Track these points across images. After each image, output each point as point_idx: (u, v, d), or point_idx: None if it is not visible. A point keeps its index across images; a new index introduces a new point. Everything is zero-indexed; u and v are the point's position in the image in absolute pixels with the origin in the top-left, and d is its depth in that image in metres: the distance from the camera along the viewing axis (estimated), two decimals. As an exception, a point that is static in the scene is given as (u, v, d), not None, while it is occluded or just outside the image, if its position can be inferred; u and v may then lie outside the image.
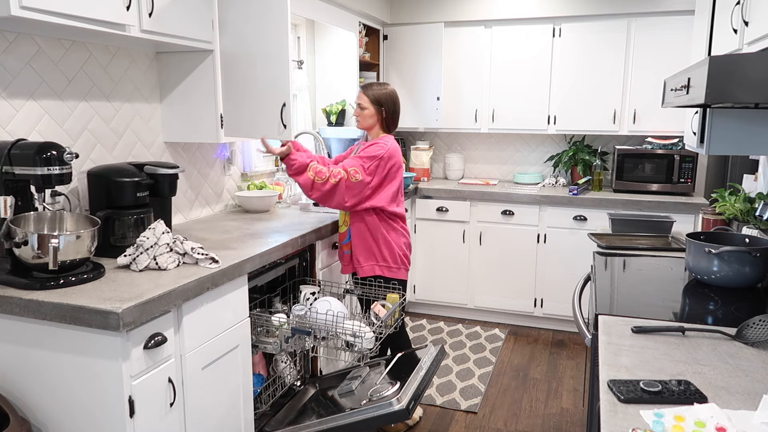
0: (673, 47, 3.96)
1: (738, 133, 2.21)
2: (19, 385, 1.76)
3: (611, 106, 4.15)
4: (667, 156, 4.03)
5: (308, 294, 2.61)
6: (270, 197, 3.15)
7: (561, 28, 4.19)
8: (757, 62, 1.46)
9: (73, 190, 2.28)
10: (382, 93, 2.74)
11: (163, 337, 1.76)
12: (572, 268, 4.08)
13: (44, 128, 2.16)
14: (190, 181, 2.93)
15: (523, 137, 4.76)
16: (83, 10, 1.80)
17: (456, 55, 4.48)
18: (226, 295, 2.10)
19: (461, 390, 3.31)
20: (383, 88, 2.76)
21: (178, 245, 2.04)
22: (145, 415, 1.72)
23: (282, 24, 2.37)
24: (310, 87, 4.18)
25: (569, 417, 3.06)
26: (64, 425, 1.73)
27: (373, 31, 4.51)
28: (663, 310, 1.77)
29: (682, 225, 3.79)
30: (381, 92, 2.74)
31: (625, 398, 1.20)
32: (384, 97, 2.73)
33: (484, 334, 4.13)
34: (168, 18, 2.19)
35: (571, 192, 4.04)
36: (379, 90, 2.74)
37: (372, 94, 2.73)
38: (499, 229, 4.21)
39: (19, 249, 1.74)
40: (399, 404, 2.19)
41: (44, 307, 1.65)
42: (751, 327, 1.52)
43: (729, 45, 2.26)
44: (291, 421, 2.50)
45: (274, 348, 2.36)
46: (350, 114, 4.23)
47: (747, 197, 2.56)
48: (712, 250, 1.93)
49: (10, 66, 2.02)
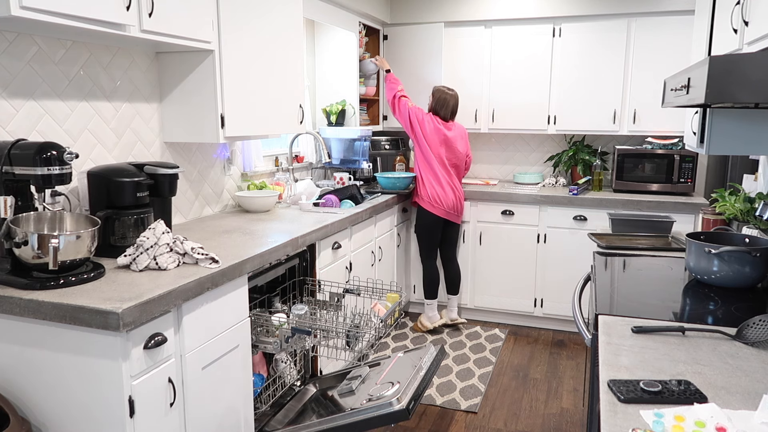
0: (673, 47, 3.96)
1: (738, 133, 2.21)
2: (19, 385, 1.76)
3: (611, 106, 4.15)
4: (667, 156, 4.03)
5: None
6: (270, 197, 3.15)
7: (561, 28, 4.19)
8: (757, 62, 1.46)
9: (73, 190, 2.28)
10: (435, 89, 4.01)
11: (163, 337, 1.76)
12: (572, 268, 4.08)
13: (44, 128, 2.16)
14: (190, 181, 2.93)
15: (523, 137, 4.77)
16: (83, 10, 1.80)
17: (456, 55, 4.48)
18: (226, 295, 2.10)
19: (461, 390, 3.31)
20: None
21: (178, 245, 2.04)
22: (145, 415, 1.72)
23: (296, 24, 2.40)
24: (310, 87, 4.18)
25: (569, 417, 3.06)
26: (64, 425, 1.73)
27: (373, 31, 4.51)
28: (663, 310, 1.77)
29: (682, 225, 3.79)
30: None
31: (625, 398, 1.20)
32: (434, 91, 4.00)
33: (484, 334, 4.13)
34: (168, 18, 2.19)
35: (571, 192, 4.04)
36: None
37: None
38: (499, 229, 4.21)
39: (19, 249, 1.74)
40: (399, 404, 2.19)
41: (44, 307, 1.65)
42: (751, 327, 1.52)
43: (729, 45, 2.26)
44: (291, 421, 2.50)
45: (274, 348, 2.36)
46: (350, 114, 4.24)
47: (747, 197, 2.56)
48: (712, 250, 1.93)
49: (10, 66, 2.02)
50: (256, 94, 2.80)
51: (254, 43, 2.76)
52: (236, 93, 2.65)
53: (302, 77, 3.24)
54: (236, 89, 2.64)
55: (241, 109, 2.68)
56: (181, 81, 2.61)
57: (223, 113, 2.57)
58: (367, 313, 2.50)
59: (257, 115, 2.82)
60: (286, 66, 3.06)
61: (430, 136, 3.87)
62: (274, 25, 2.91)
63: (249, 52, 2.72)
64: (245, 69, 2.70)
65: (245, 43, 2.69)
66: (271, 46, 2.90)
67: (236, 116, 2.66)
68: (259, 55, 2.81)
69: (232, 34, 2.59)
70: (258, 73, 2.80)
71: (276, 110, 2.99)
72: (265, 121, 2.89)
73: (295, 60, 3.14)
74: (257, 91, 2.80)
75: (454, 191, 3.95)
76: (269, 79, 2.90)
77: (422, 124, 3.87)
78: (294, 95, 3.16)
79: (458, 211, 4.00)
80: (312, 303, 2.77)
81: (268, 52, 2.88)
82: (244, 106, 2.71)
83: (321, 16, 3.66)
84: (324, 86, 4.29)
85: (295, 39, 3.14)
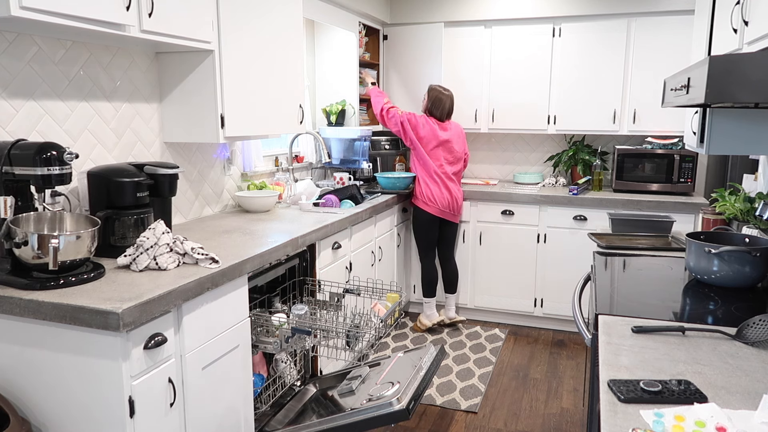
0: (673, 47, 3.96)
1: (738, 133, 2.21)
2: (19, 385, 1.76)
3: (611, 106, 4.15)
4: (667, 156, 4.03)
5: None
6: (270, 197, 3.15)
7: (561, 28, 4.19)
8: (757, 62, 1.46)
9: (73, 190, 2.28)
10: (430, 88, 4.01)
11: (163, 337, 1.76)
12: (572, 268, 4.08)
13: (44, 128, 2.16)
14: (190, 181, 2.93)
15: (523, 137, 4.77)
16: (83, 10, 1.80)
17: (456, 55, 4.48)
18: (226, 295, 2.10)
19: (461, 390, 3.31)
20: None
21: (178, 245, 2.04)
22: (146, 416, 1.72)
23: (296, 24, 2.40)
24: (310, 87, 4.18)
25: (569, 417, 3.06)
26: (64, 425, 1.73)
27: (373, 31, 4.51)
28: (663, 309, 1.77)
29: (682, 225, 3.79)
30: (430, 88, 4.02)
31: (625, 398, 1.20)
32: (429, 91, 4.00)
33: (484, 334, 4.13)
34: (168, 18, 2.19)
35: (571, 192, 4.04)
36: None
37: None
38: (499, 229, 4.21)
39: (19, 249, 1.74)
40: (399, 404, 2.19)
41: (44, 307, 1.65)
42: (751, 327, 1.52)
43: (729, 45, 2.26)
44: (291, 421, 2.50)
45: (274, 348, 2.36)
46: (350, 114, 4.24)
47: (747, 197, 2.56)
48: (712, 250, 1.93)
49: (10, 66, 2.02)
50: (256, 94, 2.80)
51: (254, 43, 2.76)
52: (236, 93, 2.65)
53: (302, 77, 3.24)
54: (236, 89, 2.64)
55: (241, 109, 2.69)
56: (181, 81, 2.61)
57: (223, 113, 2.57)
58: (367, 313, 2.50)
59: (257, 115, 2.82)
60: (286, 66, 3.06)
61: (425, 139, 3.87)
62: (274, 25, 2.91)
63: (249, 52, 2.72)
64: (245, 69, 2.70)
65: (245, 43, 2.69)
66: (271, 46, 2.90)
67: (236, 116, 2.66)
68: (259, 55, 2.81)
69: (232, 34, 2.59)
70: (258, 73, 2.80)
71: (276, 110, 2.99)
72: (265, 121, 2.89)
73: (295, 60, 3.14)
74: (257, 91, 2.80)
75: (451, 191, 3.95)
76: (269, 79, 2.90)
77: (416, 128, 3.86)
78: (294, 95, 3.16)
79: (454, 210, 4.00)
80: (312, 303, 2.77)
81: (268, 52, 2.88)
82: (244, 106, 2.71)
83: (321, 16, 3.66)
84: (324, 86, 4.29)
85: (295, 39, 3.14)
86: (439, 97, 3.90)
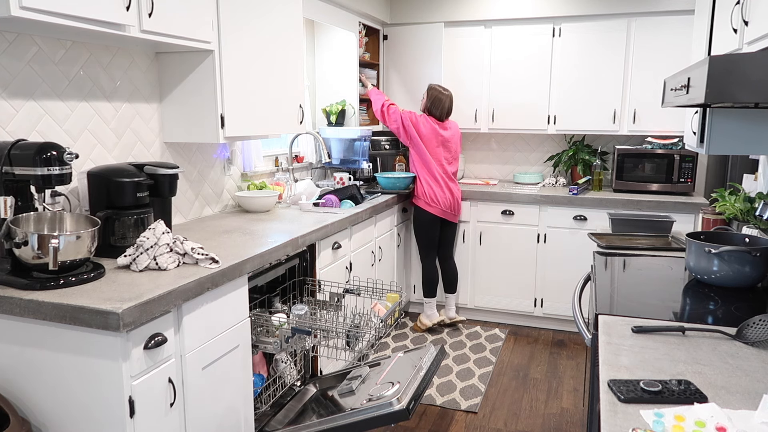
0: (673, 47, 3.96)
1: (738, 133, 2.21)
2: (19, 385, 1.76)
3: (611, 106, 4.15)
4: (667, 156, 4.03)
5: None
6: (270, 197, 3.15)
7: (561, 28, 4.19)
8: (757, 62, 1.46)
9: (73, 191, 2.28)
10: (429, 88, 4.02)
11: (163, 338, 1.76)
12: (572, 268, 4.08)
13: (44, 128, 2.16)
14: (190, 181, 2.93)
15: (523, 137, 4.77)
16: (83, 10, 1.80)
17: (456, 55, 4.48)
18: (226, 295, 2.10)
19: (461, 390, 3.31)
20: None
21: (178, 245, 2.04)
22: (146, 416, 1.72)
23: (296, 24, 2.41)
24: (310, 87, 4.18)
25: (569, 417, 3.06)
26: (64, 425, 1.73)
27: (373, 31, 4.51)
28: (663, 309, 1.77)
29: (682, 225, 3.79)
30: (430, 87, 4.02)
31: (625, 398, 1.20)
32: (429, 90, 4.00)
33: (484, 334, 4.13)
34: (168, 18, 2.19)
35: (571, 192, 4.04)
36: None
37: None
38: (499, 229, 4.21)
39: (19, 249, 1.74)
40: (399, 404, 2.19)
41: (44, 307, 1.65)
42: (751, 327, 1.52)
43: (729, 45, 2.26)
44: (291, 421, 2.50)
45: (274, 348, 2.36)
46: (350, 114, 4.24)
47: (747, 197, 2.56)
48: (712, 250, 1.93)
49: (10, 66, 2.02)
50: (256, 94, 2.80)
51: (254, 43, 2.76)
52: (236, 93, 2.65)
53: (302, 77, 3.24)
54: (236, 89, 2.64)
55: (241, 109, 2.69)
56: (181, 81, 2.61)
57: (223, 113, 2.57)
58: (367, 313, 2.50)
59: (257, 115, 2.82)
60: (286, 66, 3.06)
61: (426, 137, 3.87)
62: (274, 25, 2.91)
63: (249, 52, 2.72)
64: (245, 69, 2.70)
65: (245, 43, 2.69)
66: (271, 46, 2.90)
67: (236, 116, 2.66)
68: (259, 55, 2.81)
69: (232, 34, 2.59)
70: (258, 73, 2.80)
71: (276, 110, 2.99)
72: (265, 121, 2.89)
73: (294, 60, 3.14)
74: (257, 91, 2.80)
75: (451, 191, 3.95)
76: (269, 79, 2.90)
77: (417, 126, 3.87)
78: (294, 95, 3.16)
79: (455, 210, 4.00)
80: (312, 303, 2.77)
81: (268, 52, 2.88)
82: (244, 106, 2.71)
83: (321, 16, 3.66)
84: (324, 86, 4.29)
85: (295, 39, 3.14)
86: (438, 96, 3.91)
